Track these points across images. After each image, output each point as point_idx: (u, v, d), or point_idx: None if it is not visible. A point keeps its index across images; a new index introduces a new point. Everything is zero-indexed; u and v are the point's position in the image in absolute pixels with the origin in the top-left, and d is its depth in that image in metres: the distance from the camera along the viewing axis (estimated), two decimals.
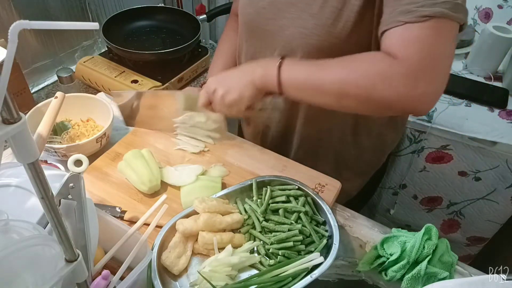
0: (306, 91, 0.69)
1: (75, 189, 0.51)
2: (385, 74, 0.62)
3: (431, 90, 0.61)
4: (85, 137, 0.88)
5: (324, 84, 0.66)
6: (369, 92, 0.63)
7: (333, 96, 0.67)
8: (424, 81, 0.60)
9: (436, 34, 0.59)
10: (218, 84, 0.75)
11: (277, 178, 0.76)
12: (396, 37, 0.62)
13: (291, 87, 0.70)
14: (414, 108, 0.63)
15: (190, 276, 0.65)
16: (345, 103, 0.68)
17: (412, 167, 1.34)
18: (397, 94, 0.61)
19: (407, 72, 0.60)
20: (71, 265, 0.41)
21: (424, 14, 0.58)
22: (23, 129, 0.31)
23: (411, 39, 0.60)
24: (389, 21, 0.62)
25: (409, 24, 0.60)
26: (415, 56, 0.60)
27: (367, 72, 0.63)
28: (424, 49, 0.60)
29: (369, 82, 0.63)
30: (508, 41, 1.25)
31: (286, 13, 0.75)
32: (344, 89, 0.65)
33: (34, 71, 1.15)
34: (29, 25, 0.26)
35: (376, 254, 0.69)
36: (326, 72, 0.67)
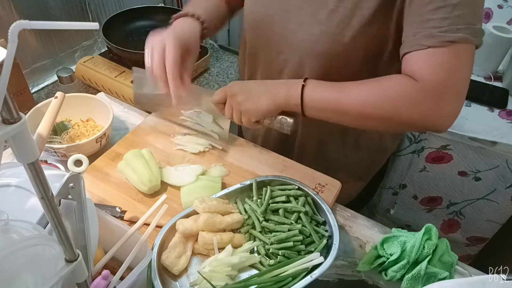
0: (328, 112, 0.71)
1: (75, 189, 0.51)
2: (410, 98, 0.64)
3: (453, 110, 0.64)
4: (85, 137, 0.88)
5: (347, 107, 0.68)
6: (394, 115, 0.66)
7: (356, 119, 0.70)
8: (447, 103, 0.63)
9: (459, 59, 0.62)
10: (240, 90, 0.75)
11: (277, 178, 0.76)
12: (420, 60, 0.63)
13: (314, 108, 0.71)
14: (436, 127, 0.66)
15: (190, 276, 0.65)
16: (367, 123, 0.71)
17: (412, 167, 1.34)
18: (421, 115, 0.64)
19: (432, 95, 0.63)
20: (71, 265, 0.41)
21: (448, 40, 0.60)
22: (23, 129, 0.31)
23: (437, 63, 0.62)
24: (412, 44, 0.64)
25: (433, 49, 0.62)
26: (441, 80, 0.62)
27: (392, 95, 0.65)
28: (448, 73, 0.62)
29: (394, 105, 0.65)
30: (508, 41, 1.25)
31: (294, 17, 0.75)
32: (368, 111, 0.67)
33: (34, 71, 1.15)
34: (29, 25, 0.26)
35: (376, 254, 0.69)
36: (350, 96, 0.68)
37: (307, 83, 0.71)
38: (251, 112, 0.74)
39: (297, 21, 0.74)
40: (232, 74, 1.34)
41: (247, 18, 0.84)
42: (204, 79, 1.29)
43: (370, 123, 0.70)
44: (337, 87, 0.70)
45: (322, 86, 0.71)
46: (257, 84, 0.78)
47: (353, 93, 0.68)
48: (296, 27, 0.75)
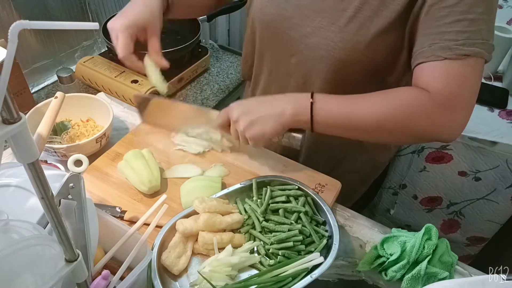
0: (341, 128, 0.70)
1: (75, 189, 0.51)
2: (426, 109, 0.64)
3: (463, 121, 0.66)
4: (85, 137, 0.88)
5: (360, 122, 0.67)
6: (409, 127, 0.66)
7: (369, 132, 0.69)
8: (459, 113, 0.65)
9: (472, 72, 0.64)
10: (242, 114, 0.70)
11: (277, 178, 0.76)
12: (436, 71, 0.64)
13: (325, 125, 0.69)
14: (447, 137, 0.67)
15: (190, 276, 0.65)
16: (381, 137, 0.71)
17: (412, 167, 1.34)
18: (435, 126, 0.65)
19: (446, 105, 0.64)
20: (71, 265, 0.41)
21: (464, 53, 0.62)
22: (23, 129, 0.31)
23: (452, 75, 0.63)
24: (428, 54, 0.64)
25: (449, 61, 0.63)
26: (454, 91, 0.63)
27: (408, 107, 0.65)
28: (461, 85, 0.63)
29: (411, 117, 0.65)
30: (508, 41, 1.25)
31: (311, 21, 0.73)
32: (381, 125, 0.66)
33: (34, 71, 1.15)
34: (29, 25, 0.26)
35: (376, 254, 0.69)
36: (362, 109, 0.67)
37: (316, 99, 0.68)
38: (257, 137, 0.70)
39: (314, 25, 0.73)
40: (232, 74, 1.34)
41: (259, 18, 0.81)
42: (204, 79, 1.29)
43: (386, 136, 0.70)
44: (348, 101, 0.68)
45: (332, 101, 0.69)
46: (259, 104, 0.72)
47: (366, 106, 0.67)
48: (313, 32, 0.73)
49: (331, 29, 0.71)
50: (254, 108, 0.71)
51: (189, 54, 1.23)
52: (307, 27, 0.74)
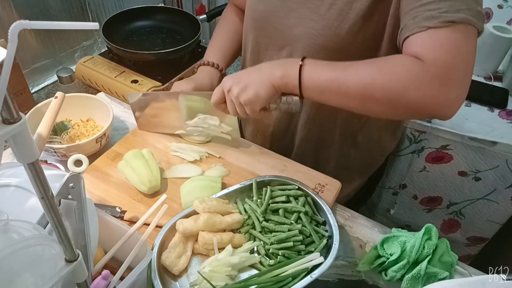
0: (329, 93, 0.67)
1: (75, 189, 0.51)
2: (415, 77, 0.60)
3: (460, 94, 0.61)
4: (85, 137, 0.88)
5: (348, 86, 0.64)
6: (399, 96, 0.62)
7: (358, 99, 0.65)
8: (453, 84, 0.60)
9: (463, 39, 0.60)
10: (234, 82, 0.72)
11: (277, 178, 0.76)
12: (423, 41, 0.61)
13: (313, 89, 0.68)
14: (442, 112, 0.62)
15: (190, 276, 0.65)
16: (370, 106, 0.66)
17: (412, 167, 1.34)
18: (427, 97, 0.61)
19: (439, 75, 0.59)
20: (71, 265, 0.41)
21: (448, 20, 0.58)
22: (23, 129, 0.31)
23: (440, 42, 0.60)
24: (412, 27, 0.62)
25: (434, 29, 0.60)
26: (446, 60, 0.59)
27: (396, 75, 0.61)
28: (454, 52, 0.59)
29: (399, 85, 0.61)
30: (508, 41, 1.25)
31: (296, 13, 0.75)
32: (370, 92, 0.63)
33: (34, 71, 1.15)
34: (29, 25, 0.26)
35: (376, 254, 0.69)
36: (351, 74, 0.64)
37: (305, 62, 0.67)
38: (252, 100, 0.71)
39: (298, 16, 0.75)
40: None
41: (250, 17, 0.85)
42: None
43: (374, 105, 0.65)
44: (338, 66, 0.66)
45: (322, 65, 0.68)
46: (249, 71, 0.74)
47: (356, 72, 0.64)
48: (297, 22, 0.75)
49: (312, 18, 0.73)
50: (245, 75, 0.73)
51: (189, 54, 1.23)
52: (292, 19, 0.76)
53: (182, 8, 1.57)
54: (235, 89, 0.72)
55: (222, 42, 0.95)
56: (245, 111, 0.73)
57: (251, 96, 0.70)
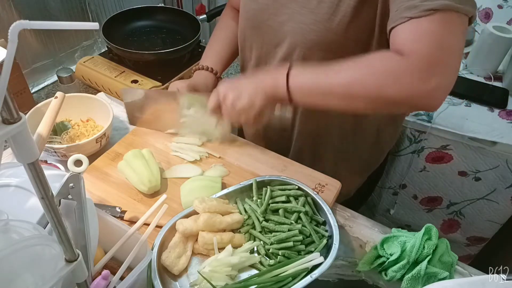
0: (315, 96, 0.69)
1: (75, 189, 0.51)
2: (393, 71, 0.61)
3: (442, 84, 0.60)
4: (85, 137, 0.88)
5: (332, 87, 0.66)
6: (378, 91, 0.63)
7: (342, 99, 0.67)
8: (435, 75, 0.59)
9: (444, 27, 0.59)
10: (229, 90, 0.74)
11: (277, 178, 0.76)
12: (403, 33, 0.61)
13: (300, 94, 0.70)
14: (425, 103, 0.62)
15: (190, 276, 0.65)
16: (354, 104, 0.67)
17: (412, 167, 1.34)
18: (406, 90, 0.61)
19: (417, 67, 0.59)
20: (71, 265, 0.41)
21: (428, 8, 0.58)
22: (23, 129, 0.31)
23: (419, 33, 0.59)
24: (395, 18, 0.62)
25: (414, 19, 0.59)
26: (424, 50, 0.59)
27: (375, 72, 0.63)
28: (433, 43, 0.59)
29: (378, 81, 0.62)
30: (508, 41, 1.25)
31: (286, 9, 0.76)
32: (352, 91, 0.65)
33: (34, 71, 1.15)
34: (29, 25, 0.26)
35: (376, 254, 0.69)
36: (333, 76, 0.67)
37: (291, 69, 0.70)
38: (247, 109, 0.73)
39: (289, 12, 0.75)
40: (232, 74, 1.34)
41: (243, 17, 0.86)
42: None
43: (358, 103, 0.67)
44: (321, 70, 0.68)
45: (306, 71, 0.70)
46: (244, 79, 0.76)
47: (338, 73, 0.66)
48: (288, 18, 0.76)
49: (303, 13, 0.73)
50: (239, 83, 0.75)
51: (189, 54, 1.23)
52: (283, 15, 0.77)
53: (182, 8, 1.57)
54: (230, 96, 0.74)
55: (218, 46, 0.97)
56: (240, 118, 0.75)
57: (246, 104, 0.72)
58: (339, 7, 0.70)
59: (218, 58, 0.95)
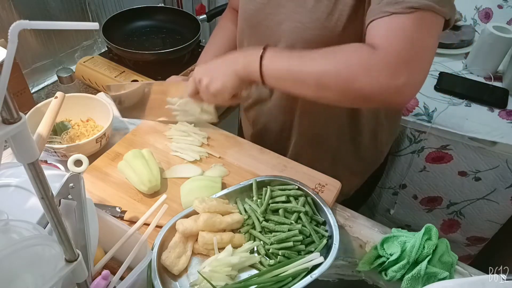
0: (286, 81, 0.69)
1: (75, 189, 0.51)
2: (365, 64, 0.61)
3: (411, 81, 0.60)
4: (85, 137, 0.88)
5: (303, 74, 0.66)
6: (348, 83, 0.62)
7: (312, 87, 0.67)
8: (404, 72, 0.60)
9: (420, 26, 0.59)
10: (203, 74, 0.77)
11: (277, 178, 0.76)
12: (380, 27, 0.61)
13: (273, 77, 0.70)
14: (393, 99, 0.63)
15: (190, 276, 0.65)
16: (324, 94, 0.67)
17: (412, 167, 1.34)
18: (376, 84, 0.61)
19: (388, 62, 0.60)
20: (71, 265, 0.41)
21: (410, 6, 0.58)
22: (23, 129, 0.31)
23: (394, 29, 0.60)
24: (376, 12, 0.62)
25: (395, 15, 0.59)
26: (397, 47, 0.59)
27: (346, 62, 0.63)
28: (406, 40, 0.59)
29: (349, 72, 0.62)
30: (508, 41, 1.25)
31: (283, 8, 0.76)
32: (323, 80, 0.64)
33: (34, 71, 1.15)
34: (29, 25, 0.26)
35: (376, 254, 0.69)
36: (306, 63, 0.66)
37: (266, 51, 0.69)
38: (220, 92, 0.75)
39: (286, 12, 0.75)
40: None
41: (242, 17, 0.86)
42: None
43: (329, 93, 0.66)
44: (296, 56, 0.68)
45: (281, 55, 0.70)
46: (217, 62, 0.77)
47: (312, 61, 0.66)
48: (285, 17, 0.76)
49: (300, 12, 0.73)
50: (212, 66, 0.77)
51: (189, 54, 1.23)
52: (280, 15, 0.77)
53: (182, 8, 1.57)
54: (204, 80, 0.76)
55: (215, 48, 0.97)
56: (217, 100, 0.78)
57: (219, 87, 0.74)
58: (337, 6, 0.69)
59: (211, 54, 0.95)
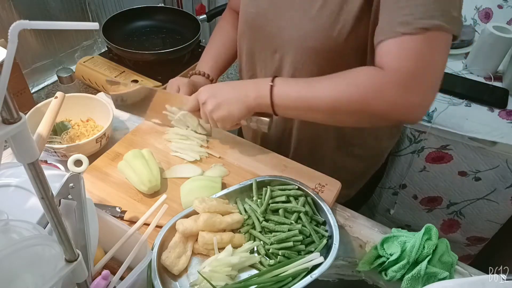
0: (298, 110, 0.71)
1: (75, 189, 0.51)
2: (377, 85, 0.63)
3: (423, 98, 0.63)
4: (85, 137, 0.88)
5: (316, 102, 0.68)
6: (362, 105, 0.65)
7: (326, 113, 0.69)
8: (416, 90, 0.62)
9: (431, 47, 0.61)
10: (210, 97, 0.75)
11: (277, 178, 0.76)
12: (392, 48, 0.62)
13: (284, 107, 0.71)
14: (407, 117, 0.65)
15: (190, 276, 0.65)
16: (338, 118, 0.70)
17: (412, 167, 1.34)
18: (389, 105, 0.63)
19: (400, 81, 0.61)
20: (71, 265, 0.41)
21: (422, 27, 0.59)
22: (23, 129, 0.31)
23: (407, 51, 0.61)
24: (387, 31, 0.63)
25: (407, 36, 0.61)
26: (409, 67, 0.61)
27: (358, 85, 0.65)
28: (417, 60, 0.61)
29: (361, 95, 0.64)
30: (508, 41, 1.25)
31: (285, 15, 0.75)
32: (336, 105, 0.67)
33: (34, 71, 1.15)
34: (29, 25, 0.26)
35: (376, 254, 0.69)
36: (317, 90, 0.68)
37: (275, 82, 0.71)
38: (224, 120, 0.75)
39: (288, 18, 0.75)
40: (232, 74, 1.34)
41: (242, 19, 0.85)
42: None
43: (342, 117, 0.69)
44: (306, 84, 0.70)
45: (290, 84, 0.71)
46: (226, 88, 0.76)
47: (323, 87, 0.67)
48: (288, 24, 0.75)
49: (303, 20, 0.73)
50: (221, 91, 0.75)
51: (189, 54, 1.24)
52: (282, 22, 0.76)
53: (182, 8, 1.57)
54: (210, 104, 0.75)
55: (215, 51, 0.97)
56: (216, 125, 0.77)
57: (224, 114, 0.74)
58: (340, 16, 0.69)
59: (214, 63, 0.95)
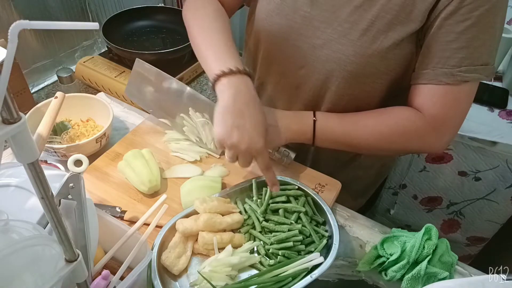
0: (339, 145, 0.75)
1: (75, 189, 0.51)
2: (420, 133, 0.71)
3: (451, 138, 0.72)
4: (85, 137, 0.88)
5: (359, 140, 0.74)
6: (403, 146, 0.74)
7: (367, 150, 0.77)
8: (448, 132, 0.71)
9: (469, 96, 0.68)
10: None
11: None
12: (434, 94, 0.68)
13: (325, 141, 0.75)
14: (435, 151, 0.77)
15: (190, 276, 0.65)
16: (376, 152, 0.80)
17: (412, 167, 1.34)
18: (426, 146, 0.74)
19: (438, 128, 0.69)
20: (71, 265, 0.41)
21: (465, 80, 0.65)
22: (23, 129, 0.31)
23: (447, 100, 0.68)
24: (430, 77, 0.67)
25: (449, 86, 0.66)
26: (447, 114, 0.69)
27: (400, 128, 0.71)
28: (456, 109, 0.69)
29: (406, 139, 0.72)
30: (508, 41, 1.25)
31: (321, 33, 0.71)
32: (379, 144, 0.73)
33: (34, 71, 1.15)
34: (29, 25, 0.26)
35: (376, 254, 0.69)
36: (361, 129, 0.73)
37: (318, 117, 0.74)
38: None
39: (324, 37, 0.71)
40: None
41: (264, 28, 0.78)
42: (204, 79, 1.29)
43: (379, 152, 0.78)
44: (348, 121, 0.74)
45: (332, 119, 0.74)
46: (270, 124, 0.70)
47: (365, 127, 0.73)
48: (324, 44, 0.71)
49: (343, 42, 0.69)
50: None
51: (189, 54, 1.23)
52: (317, 39, 0.72)
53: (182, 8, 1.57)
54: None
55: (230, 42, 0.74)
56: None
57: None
58: (383, 43, 0.67)
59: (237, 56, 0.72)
